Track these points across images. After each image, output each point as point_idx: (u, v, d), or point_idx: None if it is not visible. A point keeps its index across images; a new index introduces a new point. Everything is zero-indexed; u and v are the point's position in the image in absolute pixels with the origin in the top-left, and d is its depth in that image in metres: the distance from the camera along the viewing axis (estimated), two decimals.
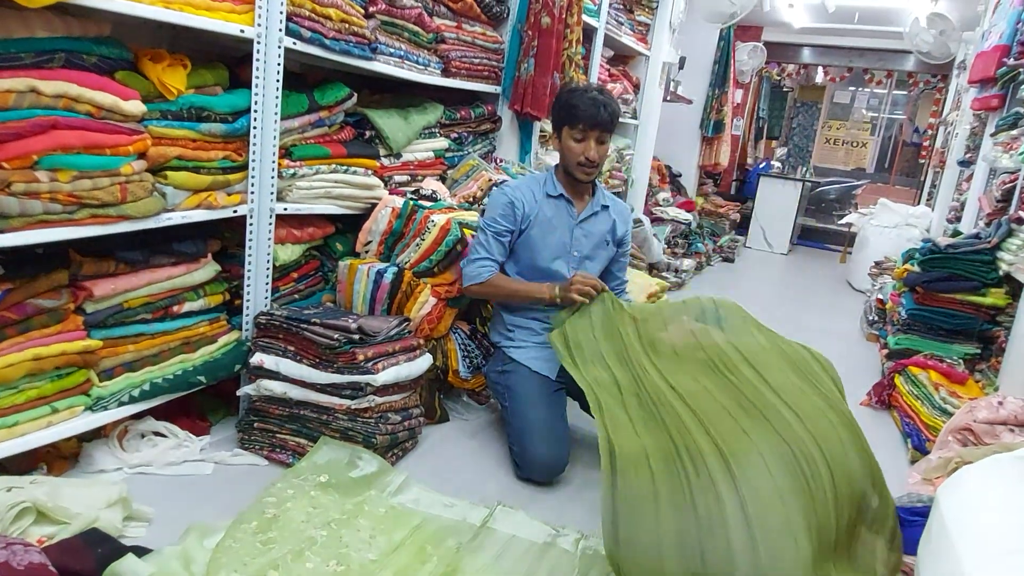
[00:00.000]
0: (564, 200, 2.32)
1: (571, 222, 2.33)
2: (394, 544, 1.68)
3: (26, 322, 1.66)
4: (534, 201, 2.30)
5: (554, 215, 2.31)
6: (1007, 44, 3.95)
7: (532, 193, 2.31)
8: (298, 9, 2.04)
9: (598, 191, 2.39)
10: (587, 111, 2.17)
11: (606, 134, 2.22)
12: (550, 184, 2.33)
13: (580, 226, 2.34)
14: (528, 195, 2.30)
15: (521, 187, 2.32)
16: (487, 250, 2.26)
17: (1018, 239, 3.06)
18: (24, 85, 1.51)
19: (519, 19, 3.13)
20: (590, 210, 2.36)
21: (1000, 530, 1.33)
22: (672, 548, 1.37)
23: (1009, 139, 3.58)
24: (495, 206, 2.29)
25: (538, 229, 2.30)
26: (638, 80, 4.92)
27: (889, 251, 5.44)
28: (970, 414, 2.38)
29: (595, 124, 2.17)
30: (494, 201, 2.31)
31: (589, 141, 2.20)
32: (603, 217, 2.39)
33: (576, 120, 2.18)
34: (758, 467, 1.44)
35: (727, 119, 6.95)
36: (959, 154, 5.13)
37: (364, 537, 1.69)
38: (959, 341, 3.29)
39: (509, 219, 2.26)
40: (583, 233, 2.35)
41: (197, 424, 2.16)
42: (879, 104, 10.73)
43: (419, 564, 1.63)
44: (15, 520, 1.46)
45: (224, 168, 1.99)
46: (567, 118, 2.21)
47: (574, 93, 2.22)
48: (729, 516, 1.36)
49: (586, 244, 2.36)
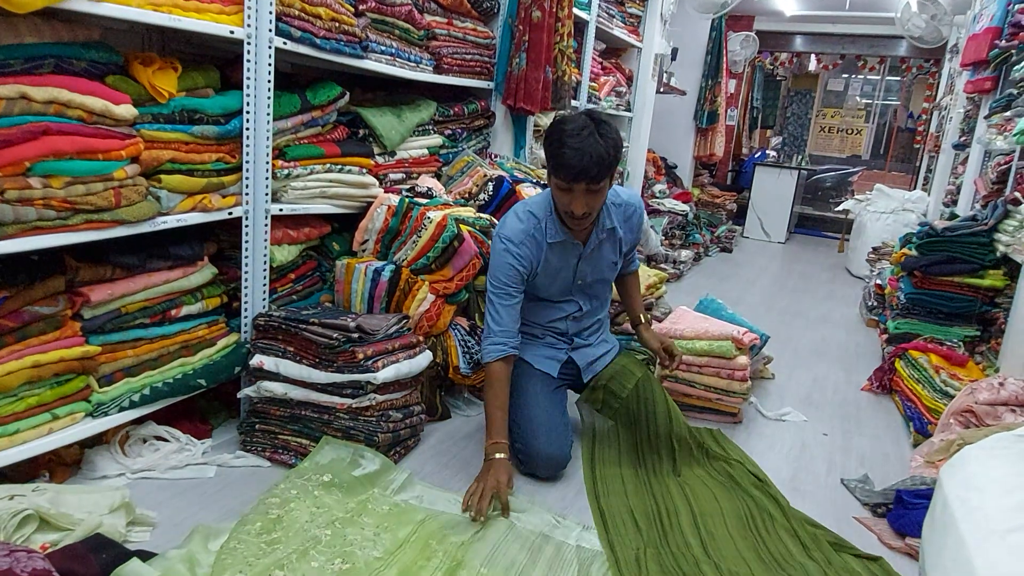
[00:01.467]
0: (567, 243, 2.12)
1: (575, 259, 2.16)
2: (399, 541, 1.68)
3: (24, 329, 1.66)
4: (539, 251, 2.09)
5: (558, 259, 2.14)
6: (999, 26, 3.95)
7: (536, 241, 2.08)
8: (288, 9, 2.04)
9: (603, 214, 2.13)
10: (570, 162, 1.85)
11: (597, 184, 1.90)
12: (551, 228, 2.08)
13: (586, 259, 2.17)
14: (533, 247, 2.08)
15: (525, 239, 2.06)
16: (499, 323, 2.06)
17: (1015, 220, 3.06)
18: (14, 92, 1.50)
19: (509, 14, 3.12)
20: (595, 240, 2.14)
21: (1003, 509, 1.33)
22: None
23: (1003, 120, 3.58)
24: (499, 269, 2.06)
25: (544, 276, 2.15)
26: (631, 72, 4.92)
27: (886, 236, 5.45)
28: (971, 396, 2.38)
29: (579, 177, 1.87)
30: (497, 262, 2.07)
31: (575, 193, 1.91)
32: (609, 242, 2.19)
33: (559, 170, 1.90)
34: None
35: (721, 109, 6.95)
36: (954, 138, 5.14)
37: (368, 535, 1.69)
38: (958, 324, 3.29)
39: (516, 280, 2.06)
40: (588, 265, 2.19)
41: (198, 427, 2.16)
42: (873, 90, 10.72)
43: (424, 560, 1.63)
44: (18, 527, 1.46)
45: (218, 170, 1.99)
46: (551, 163, 1.92)
47: (562, 133, 1.88)
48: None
49: (591, 273, 2.21)
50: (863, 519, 2.06)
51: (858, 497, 2.18)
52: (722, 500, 2.02)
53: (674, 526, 1.88)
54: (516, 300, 2.08)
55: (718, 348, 2.63)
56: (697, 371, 2.67)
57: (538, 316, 2.28)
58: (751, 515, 1.95)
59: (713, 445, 2.36)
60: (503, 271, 2.06)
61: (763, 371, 3.15)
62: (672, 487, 2.08)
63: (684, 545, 1.80)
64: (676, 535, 1.84)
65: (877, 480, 2.26)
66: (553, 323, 2.29)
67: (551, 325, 2.29)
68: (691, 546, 1.79)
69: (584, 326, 2.33)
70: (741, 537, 1.84)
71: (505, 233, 2.08)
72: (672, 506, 1.97)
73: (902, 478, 2.20)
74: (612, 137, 1.91)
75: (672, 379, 2.66)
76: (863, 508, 2.13)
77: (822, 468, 2.39)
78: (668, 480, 2.12)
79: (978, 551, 1.24)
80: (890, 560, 1.82)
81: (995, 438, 1.60)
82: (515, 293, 2.08)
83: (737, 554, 1.77)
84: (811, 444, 2.58)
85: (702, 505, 1.98)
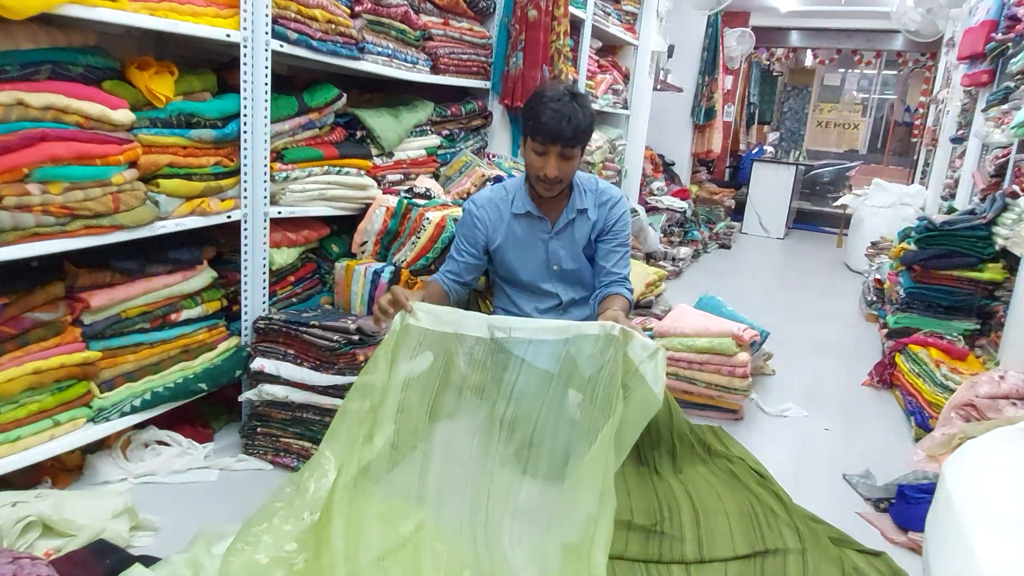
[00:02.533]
0: (533, 217, 2.13)
1: (545, 236, 2.15)
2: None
3: (24, 336, 1.65)
4: (500, 220, 2.14)
5: (524, 233, 2.15)
6: (995, 19, 3.95)
7: (499, 210, 2.15)
8: (283, 11, 2.03)
9: (574, 194, 2.15)
10: (548, 124, 1.92)
11: (571, 149, 1.97)
12: (518, 201, 2.14)
13: (556, 238, 2.15)
14: (494, 213, 2.15)
15: (488, 204, 2.16)
16: (448, 268, 2.17)
17: (1013, 213, 3.06)
18: (11, 98, 1.50)
19: (506, 13, 3.12)
20: (565, 218, 2.14)
21: (1006, 503, 1.33)
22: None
23: (1000, 114, 3.58)
24: (460, 224, 2.19)
25: (512, 250, 2.16)
26: (627, 70, 4.91)
27: (885, 231, 5.45)
28: (972, 389, 2.39)
29: (555, 139, 1.93)
30: (461, 219, 2.20)
31: (550, 156, 1.96)
32: (581, 223, 2.15)
33: (536, 132, 1.95)
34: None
35: (718, 106, 6.95)
36: (951, 131, 5.14)
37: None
38: (958, 317, 3.29)
39: (470, 239, 2.14)
40: (560, 245, 2.16)
41: (200, 431, 2.16)
42: (869, 85, 10.72)
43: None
44: (21, 534, 1.46)
45: (216, 174, 1.99)
46: (529, 127, 1.99)
47: (541, 99, 1.97)
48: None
49: (565, 255, 2.17)
50: (865, 514, 2.06)
51: (860, 492, 2.18)
52: (724, 497, 2.02)
53: (675, 524, 1.88)
54: (465, 257, 2.15)
55: (718, 345, 2.63)
56: (698, 368, 2.67)
57: (521, 308, 2.24)
58: (753, 512, 1.95)
59: (715, 442, 2.36)
60: (462, 230, 2.17)
61: (763, 367, 3.15)
62: (674, 484, 2.08)
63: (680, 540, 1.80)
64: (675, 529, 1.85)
65: (879, 475, 2.26)
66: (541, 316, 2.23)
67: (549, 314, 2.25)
68: (686, 540, 1.80)
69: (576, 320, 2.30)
70: (742, 534, 1.84)
71: (472, 198, 2.22)
72: (675, 504, 1.97)
73: (904, 473, 2.20)
74: (588, 108, 1.99)
75: (673, 376, 2.66)
76: (865, 503, 2.13)
77: (824, 464, 2.39)
78: (670, 478, 2.12)
79: (982, 545, 1.24)
80: (893, 555, 1.82)
81: (997, 432, 1.61)
82: (464, 252, 2.15)
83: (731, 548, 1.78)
84: (812, 440, 2.58)
85: (704, 502, 1.99)
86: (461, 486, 1.66)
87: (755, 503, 1.99)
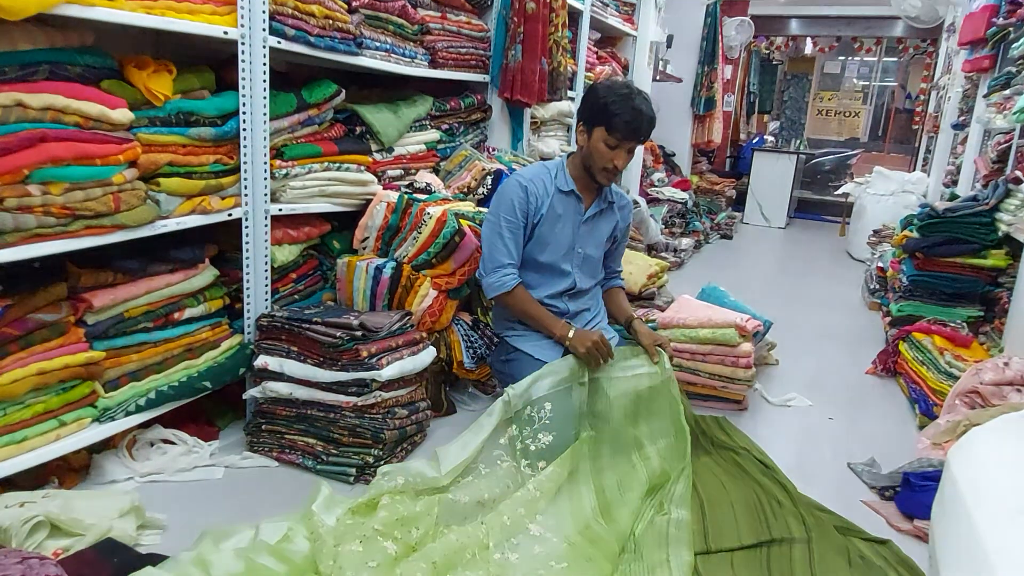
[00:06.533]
0: (575, 196, 2.22)
1: (578, 219, 2.23)
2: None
3: (28, 337, 1.66)
4: (546, 194, 2.19)
5: (563, 211, 2.21)
6: (996, 4, 3.93)
7: (544, 184, 2.19)
8: (281, 7, 2.03)
9: (609, 189, 2.29)
10: (629, 122, 2.03)
11: (641, 143, 2.13)
12: (561, 178, 2.21)
13: (586, 223, 2.25)
14: (541, 186, 2.18)
15: (534, 177, 2.20)
16: (507, 253, 2.15)
17: (1016, 199, 3.05)
18: (9, 99, 1.50)
19: (504, 6, 3.11)
20: (597, 207, 2.25)
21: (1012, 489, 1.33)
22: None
23: (1002, 99, 3.56)
24: (509, 194, 2.16)
25: (547, 225, 2.20)
26: (626, 61, 4.89)
27: (887, 219, 5.43)
28: (976, 376, 2.38)
29: (634, 135, 2.06)
30: (507, 190, 2.18)
31: (622, 150, 2.09)
32: (608, 215, 2.30)
33: (613, 128, 2.04)
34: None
35: (718, 96, 6.92)
36: (952, 117, 5.12)
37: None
38: (962, 304, 3.29)
39: (523, 210, 2.15)
40: (588, 230, 2.26)
41: (205, 430, 2.16)
42: (870, 72, 10.66)
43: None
44: (30, 534, 1.46)
45: (216, 172, 1.98)
46: (603, 120, 2.06)
47: (616, 94, 2.05)
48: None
49: (590, 242, 2.28)
50: (871, 502, 2.07)
51: (865, 481, 2.18)
52: (730, 488, 2.02)
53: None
54: (521, 233, 2.18)
55: (721, 336, 2.63)
56: (701, 359, 2.67)
57: (535, 288, 2.25)
58: (759, 502, 1.95)
59: (719, 433, 2.36)
60: (514, 198, 2.16)
61: (767, 357, 3.15)
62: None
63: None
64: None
65: (884, 463, 2.26)
66: (551, 300, 2.26)
67: (549, 304, 2.25)
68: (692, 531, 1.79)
69: (583, 307, 2.32)
70: (748, 524, 1.84)
71: (519, 172, 2.26)
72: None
73: (909, 460, 2.20)
74: (653, 109, 2.14)
75: (676, 367, 2.66)
76: (870, 491, 2.14)
77: (828, 453, 2.39)
78: None
79: (989, 532, 1.24)
80: (898, 542, 1.83)
81: (1002, 419, 1.61)
82: (520, 226, 2.17)
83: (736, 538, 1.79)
84: (817, 429, 2.58)
85: (710, 493, 1.99)
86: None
87: (760, 493, 1.99)
